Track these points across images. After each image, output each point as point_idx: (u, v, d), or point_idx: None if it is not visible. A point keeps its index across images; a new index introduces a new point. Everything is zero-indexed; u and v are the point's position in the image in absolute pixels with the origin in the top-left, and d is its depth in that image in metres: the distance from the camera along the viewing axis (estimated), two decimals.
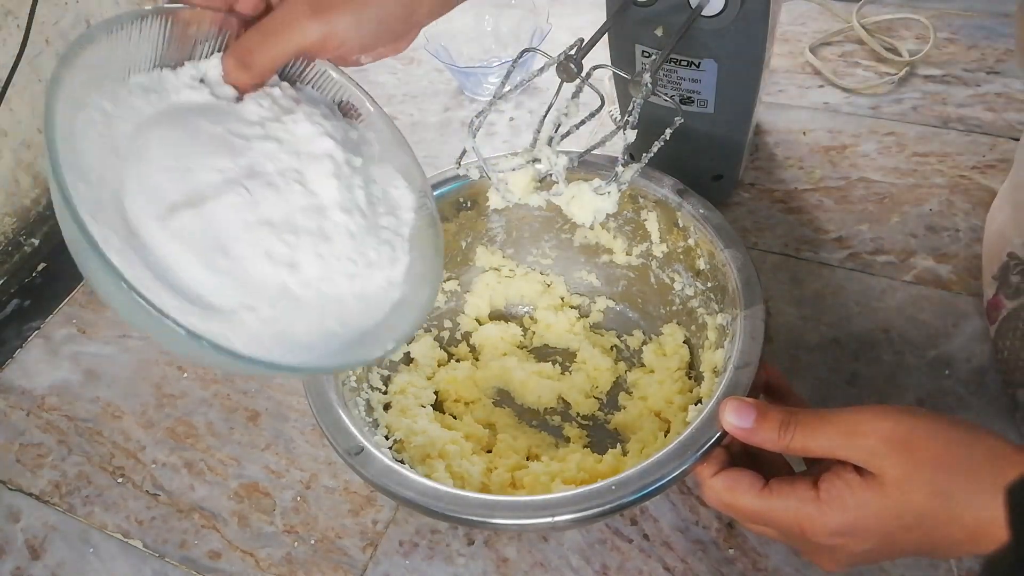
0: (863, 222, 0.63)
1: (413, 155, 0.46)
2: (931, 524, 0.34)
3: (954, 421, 0.35)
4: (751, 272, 0.47)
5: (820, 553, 0.38)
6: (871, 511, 0.34)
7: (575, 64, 0.44)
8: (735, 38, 0.51)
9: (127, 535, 0.54)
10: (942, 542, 0.34)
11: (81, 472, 0.58)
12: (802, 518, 0.36)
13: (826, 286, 0.60)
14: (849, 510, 0.35)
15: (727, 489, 0.39)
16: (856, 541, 0.36)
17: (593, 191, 0.47)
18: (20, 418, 0.62)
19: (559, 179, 0.47)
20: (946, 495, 0.33)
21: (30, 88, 0.73)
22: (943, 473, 0.33)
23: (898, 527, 0.34)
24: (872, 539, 0.35)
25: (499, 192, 0.49)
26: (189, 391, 0.62)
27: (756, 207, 0.66)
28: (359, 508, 0.53)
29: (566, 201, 0.48)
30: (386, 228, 0.42)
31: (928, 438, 0.34)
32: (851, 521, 0.35)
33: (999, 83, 0.72)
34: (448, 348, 0.60)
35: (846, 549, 0.36)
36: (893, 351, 0.55)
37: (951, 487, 0.33)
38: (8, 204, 0.74)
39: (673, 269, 0.55)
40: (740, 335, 0.44)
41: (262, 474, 0.56)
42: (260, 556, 0.52)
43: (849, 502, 0.35)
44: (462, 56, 0.81)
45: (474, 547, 0.50)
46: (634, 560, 0.49)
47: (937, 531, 0.34)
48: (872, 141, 0.69)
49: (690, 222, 0.51)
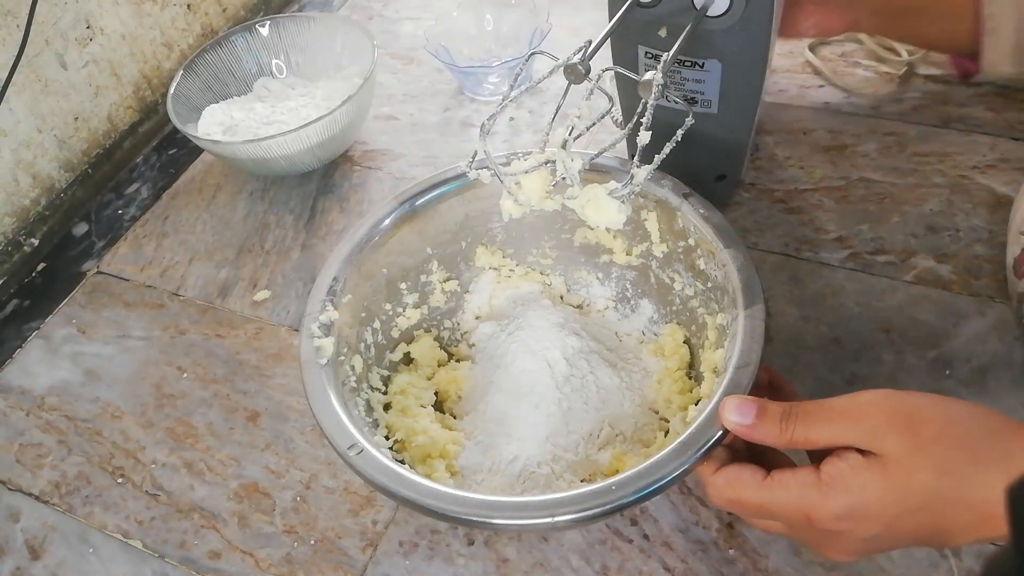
0: (863, 222, 0.63)
1: None
2: (937, 505, 0.33)
3: (956, 400, 0.34)
4: (751, 272, 0.47)
5: (827, 542, 0.37)
6: (875, 492, 0.34)
7: (583, 66, 0.44)
8: (740, 38, 0.51)
9: (127, 535, 0.54)
10: (950, 526, 0.33)
11: (81, 472, 0.58)
12: (806, 505, 0.35)
13: (826, 286, 0.60)
14: (852, 492, 0.34)
15: (729, 484, 0.38)
16: (861, 526, 0.35)
17: (609, 194, 0.46)
18: (20, 418, 0.62)
19: (574, 182, 0.47)
20: (951, 473, 0.32)
21: (30, 88, 0.73)
22: (948, 450, 0.33)
23: (903, 509, 0.34)
24: (877, 523, 0.34)
25: (512, 198, 0.48)
26: (189, 391, 0.62)
27: (756, 207, 0.66)
28: (359, 508, 0.53)
29: (580, 204, 0.47)
30: None
31: (931, 416, 0.34)
32: (855, 503, 0.34)
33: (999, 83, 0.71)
34: (448, 348, 0.60)
35: (852, 535, 0.35)
36: (893, 351, 0.55)
37: (956, 465, 0.32)
38: (8, 204, 0.74)
39: (673, 269, 0.55)
40: (740, 335, 0.44)
41: (262, 474, 0.56)
42: (260, 556, 0.52)
43: (852, 483, 0.34)
44: (462, 56, 0.81)
45: (474, 547, 0.50)
46: (634, 560, 0.48)
47: (944, 513, 0.33)
48: (872, 141, 0.69)
49: (690, 222, 0.51)
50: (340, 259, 0.52)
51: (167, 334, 0.66)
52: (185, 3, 0.88)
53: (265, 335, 0.64)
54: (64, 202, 0.79)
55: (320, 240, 0.71)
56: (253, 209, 0.75)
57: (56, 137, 0.77)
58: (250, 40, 0.80)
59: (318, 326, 0.49)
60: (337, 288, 0.51)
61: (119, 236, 0.76)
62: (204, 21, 0.91)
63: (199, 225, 0.75)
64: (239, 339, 0.64)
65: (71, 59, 0.77)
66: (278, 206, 0.74)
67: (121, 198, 0.80)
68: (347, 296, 0.52)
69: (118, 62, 0.82)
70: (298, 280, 0.68)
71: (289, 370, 0.61)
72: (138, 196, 0.80)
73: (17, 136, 0.73)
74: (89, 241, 0.76)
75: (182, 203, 0.77)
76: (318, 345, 0.48)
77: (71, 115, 0.78)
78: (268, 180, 0.77)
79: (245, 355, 0.63)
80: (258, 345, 0.64)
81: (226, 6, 0.93)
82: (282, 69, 0.82)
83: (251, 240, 0.72)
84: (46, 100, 0.75)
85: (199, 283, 0.70)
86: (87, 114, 0.80)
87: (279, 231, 0.72)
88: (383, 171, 0.76)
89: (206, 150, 0.76)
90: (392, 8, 0.95)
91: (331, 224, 0.72)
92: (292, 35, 0.81)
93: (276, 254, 0.70)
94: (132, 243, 0.75)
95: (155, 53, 0.86)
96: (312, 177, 0.76)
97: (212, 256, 0.72)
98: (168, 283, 0.70)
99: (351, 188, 0.75)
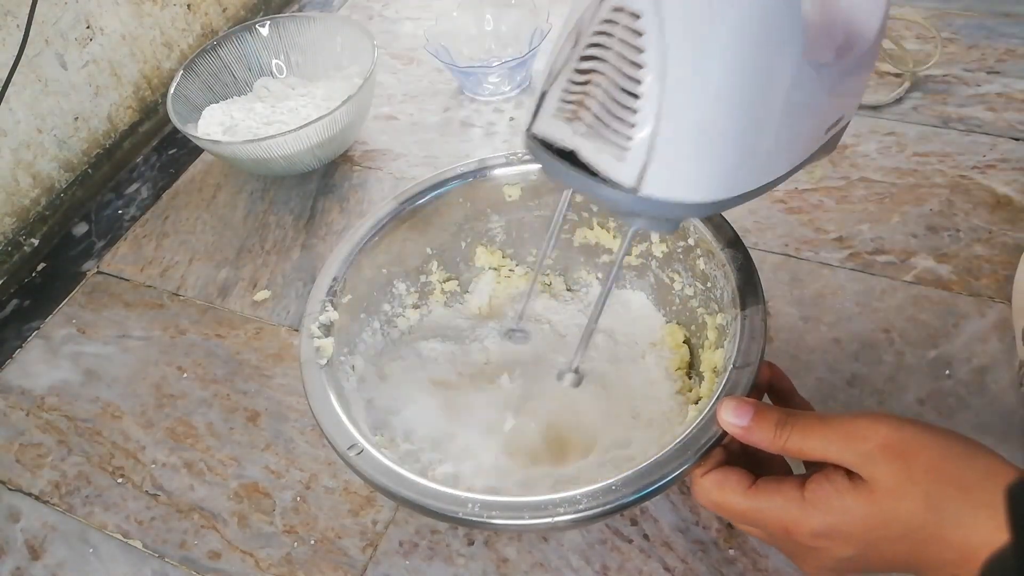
0: (863, 222, 0.63)
1: None
2: (919, 537, 0.33)
3: (953, 434, 0.34)
4: (751, 272, 0.47)
5: (804, 556, 0.37)
6: (856, 516, 0.34)
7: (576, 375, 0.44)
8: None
9: (127, 535, 0.54)
10: (927, 560, 0.34)
11: (81, 472, 0.58)
12: (787, 518, 0.36)
13: (826, 286, 0.60)
14: (833, 513, 0.34)
15: (715, 486, 0.38)
16: (838, 545, 0.35)
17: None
18: (20, 418, 0.62)
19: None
20: (939, 509, 0.32)
21: (30, 88, 0.73)
22: (939, 485, 0.33)
23: (884, 536, 0.34)
24: (855, 545, 0.35)
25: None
26: (189, 391, 0.62)
27: (756, 207, 0.66)
28: (359, 508, 0.53)
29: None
30: None
31: (926, 448, 0.34)
32: (833, 524, 0.35)
33: (999, 83, 0.71)
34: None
35: (829, 553, 0.36)
36: (893, 351, 0.55)
37: (945, 501, 0.32)
38: (8, 204, 0.74)
39: (673, 269, 0.55)
40: (740, 335, 0.44)
41: (262, 474, 0.56)
42: (260, 556, 0.52)
43: (834, 505, 0.34)
44: (462, 56, 0.81)
45: (474, 547, 0.50)
46: (634, 560, 0.48)
47: (924, 546, 0.33)
48: (872, 141, 0.69)
49: (690, 222, 0.51)
50: (340, 259, 0.52)
51: (167, 334, 0.66)
52: (185, 3, 0.88)
53: (265, 335, 0.64)
54: (64, 202, 0.79)
55: (320, 240, 0.71)
56: (253, 209, 0.75)
57: (56, 137, 0.77)
58: (250, 40, 0.80)
59: (318, 326, 0.49)
60: (337, 288, 0.51)
61: (119, 236, 0.76)
62: (204, 21, 0.91)
63: (199, 225, 0.75)
64: (239, 339, 0.64)
65: (71, 59, 0.77)
66: (278, 206, 0.75)
67: (121, 198, 0.80)
68: (347, 296, 0.52)
69: (118, 62, 0.82)
70: (298, 280, 0.68)
71: (289, 370, 0.61)
72: (138, 196, 0.80)
73: (17, 136, 0.73)
74: (89, 241, 0.76)
75: (182, 203, 0.77)
76: (318, 345, 0.48)
77: (71, 115, 0.78)
78: (268, 180, 0.77)
79: (245, 355, 0.63)
80: (258, 345, 0.64)
81: (226, 6, 0.93)
82: (282, 69, 0.82)
83: (251, 240, 0.72)
84: (46, 100, 0.75)
85: (199, 283, 0.70)
86: (87, 114, 0.80)
87: (279, 231, 0.72)
88: (383, 171, 0.76)
89: (206, 150, 0.76)
90: (392, 8, 0.95)
91: (331, 224, 0.72)
92: (292, 35, 0.81)
93: (276, 254, 0.70)
94: (132, 243, 0.75)
95: (155, 53, 0.86)
96: (312, 177, 0.76)
97: (212, 256, 0.72)
98: (168, 283, 0.70)
99: (351, 188, 0.75)
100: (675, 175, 0.32)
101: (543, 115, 0.34)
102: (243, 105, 0.78)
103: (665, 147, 0.31)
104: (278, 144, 0.68)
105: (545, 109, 0.34)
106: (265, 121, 0.75)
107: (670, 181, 0.32)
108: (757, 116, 0.32)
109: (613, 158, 0.32)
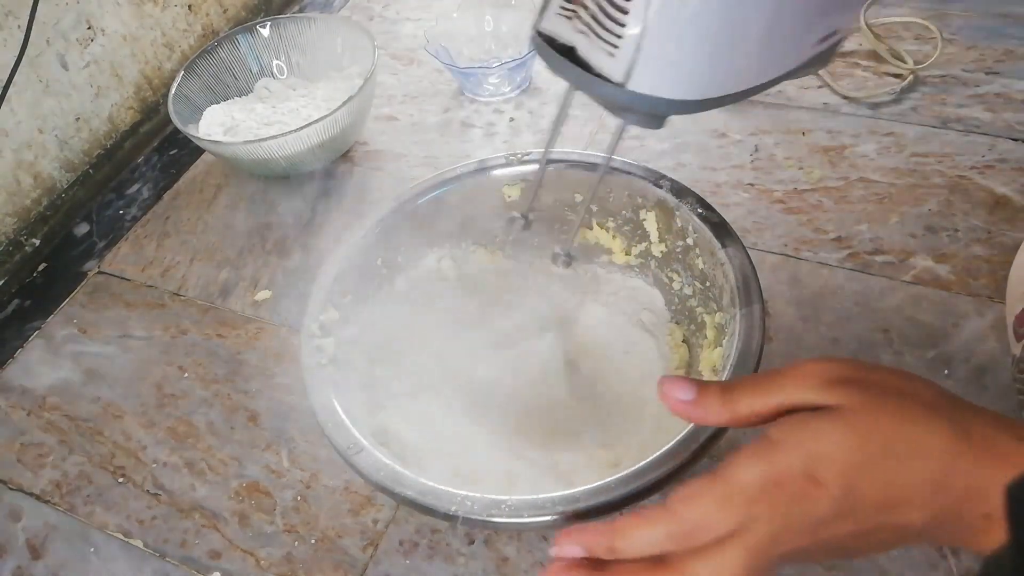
0: (862, 222, 0.63)
1: None
2: (901, 452, 0.31)
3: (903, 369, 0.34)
4: (750, 272, 0.47)
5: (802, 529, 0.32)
6: (831, 437, 0.32)
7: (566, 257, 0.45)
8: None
9: (128, 535, 0.55)
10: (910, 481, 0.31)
11: (82, 472, 0.58)
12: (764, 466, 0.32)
13: (825, 286, 0.60)
14: (806, 442, 0.32)
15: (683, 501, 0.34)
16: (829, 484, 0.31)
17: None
18: (21, 418, 0.62)
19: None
20: (913, 421, 0.31)
21: (31, 88, 0.73)
22: (905, 400, 0.32)
23: (864, 458, 0.31)
24: (836, 477, 0.31)
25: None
26: (189, 391, 0.62)
27: (756, 207, 0.66)
28: (359, 508, 0.53)
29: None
30: None
31: (888, 373, 0.33)
32: (812, 452, 0.32)
33: (998, 83, 0.72)
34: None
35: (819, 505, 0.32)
36: (892, 351, 0.56)
37: (916, 414, 0.31)
38: (9, 204, 0.74)
39: (672, 269, 0.55)
40: (739, 334, 0.44)
41: (262, 474, 0.56)
42: (260, 556, 0.52)
43: (804, 434, 0.32)
44: (462, 56, 0.81)
45: (474, 546, 0.50)
46: None
47: (906, 462, 0.31)
48: (871, 141, 0.69)
49: (689, 222, 0.51)
50: (340, 259, 0.52)
51: (168, 334, 0.66)
52: (186, 4, 0.88)
53: (266, 335, 0.64)
54: (65, 202, 0.79)
55: (321, 240, 0.71)
56: (254, 209, 0.75)
57: (57, 137, 0.77)
58: (251, 41, 0.80)
59: (318, 326, 0.49)
60: (337, 288, 0.51)
61: (120, 236, 0.76)
62: (205, 22, 0.91)
63: (200, 225, 0.75)
64: (240, 339, 0.65)
65: (72, 60, 0.77)
66: (279, 206, 0.75)
67: (122, 198, 0.80)
68: (347, 296, 0.52)
69: (119, 63, 0.82)
70: (298, 280, 0.68)
71: (290, 370, 0.61)
72: (139, 196, 0.80)
73: (18, 136, 0.74)
74: (90, 241, 0.76)
75: (183, 203, 0.78)
76: (318, 345, 0.48)
77: (72, 115, 0.78)
78: (269, 181, 0.77)
79: (246, 355, 0.63)
80: (259, 345, 0.64)
81: (227, 7, 0.93)
82: (283, 70, 0.82)
83: (252, 240, 0.72)
84: (47, 100, 0.75)
85: (200, 283, 0.70)
86: (88, 114, 0.80)
87: (280, 231, 0.72)
88: (383, 172, 0.76)
89: (207, 150, 0.76)
90: (392, 9, 0.95)
91: (331, 224, 0.72)
92: (293, 36, 0.81)
93: (277, 254, 0.71)
94: (133, 243, 0.75)
95: (156, 54, 0.86)
96: (313, 178, 0.76)
97: (213, 256, 0.72)
98: (169, 283, 0.70)
99: (351, 188, 0.75)
100: (660, 73, 0.34)
101: (548, 13, 0.37)
102: (244, 106, 0.78)
103: (651, 45, 0.33)
104: (279, 145, 0.68)
105: (550, 8, 0.37)
106: (266, 122, 0.75)
107: (656, 78, 0.34)
108: (741, 18, 0.33)
109: (605, 54, 0.34)
